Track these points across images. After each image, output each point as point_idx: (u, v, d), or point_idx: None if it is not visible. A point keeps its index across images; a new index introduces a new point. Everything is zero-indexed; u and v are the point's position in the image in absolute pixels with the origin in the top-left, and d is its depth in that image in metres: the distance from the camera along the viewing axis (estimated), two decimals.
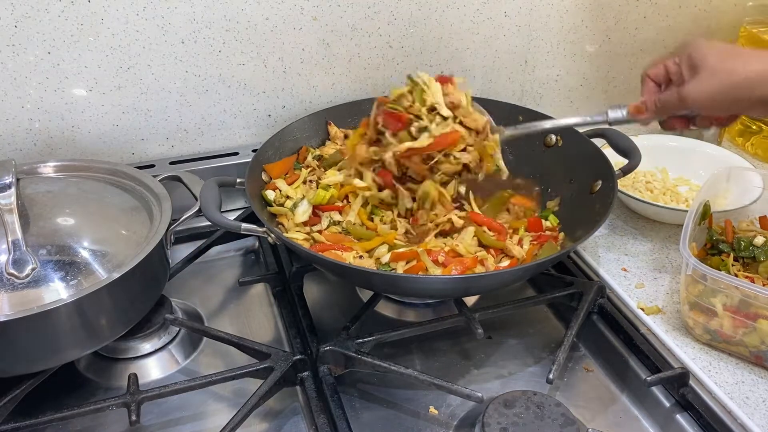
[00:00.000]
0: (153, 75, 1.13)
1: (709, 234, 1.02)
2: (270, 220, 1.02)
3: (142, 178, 1.01)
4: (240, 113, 1.22)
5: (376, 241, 0.98)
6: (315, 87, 1.24)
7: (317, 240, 1.00)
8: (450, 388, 0.86)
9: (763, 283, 0.95)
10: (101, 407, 0.84)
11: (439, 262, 0.95)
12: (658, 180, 1.24)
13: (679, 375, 0.88)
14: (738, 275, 0.96)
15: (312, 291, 1.07)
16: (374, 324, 0.98)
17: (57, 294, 0.83)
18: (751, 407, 0.85)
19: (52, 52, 1.06)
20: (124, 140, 1.17)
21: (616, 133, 1.11)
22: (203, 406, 0.90)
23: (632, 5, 1.36)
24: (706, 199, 1.02)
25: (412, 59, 1.27)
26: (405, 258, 0.95)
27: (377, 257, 0.96)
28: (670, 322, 0.97)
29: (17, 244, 0.83)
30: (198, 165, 1.18)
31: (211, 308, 1.06)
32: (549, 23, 1.32)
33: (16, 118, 1.09)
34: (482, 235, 1.00)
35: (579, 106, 1.44)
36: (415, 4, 1.22)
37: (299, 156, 1.14)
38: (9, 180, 0.88)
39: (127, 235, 0.92)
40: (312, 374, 0.90)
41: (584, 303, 0.97)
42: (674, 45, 1.42)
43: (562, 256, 0.95)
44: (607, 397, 0.93)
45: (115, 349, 0.95)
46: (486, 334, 0.95)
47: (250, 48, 1.16)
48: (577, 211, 1.05)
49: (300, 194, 1.05)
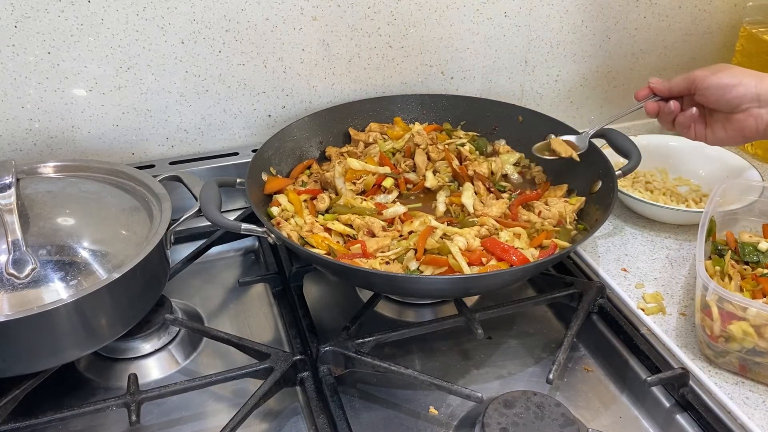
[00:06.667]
0: (153, 75, 1.13)
1: (713, 246, 1.02)
2: (270, 220, 1.02)
3: (142, 178, 1.01)
4: (240, 113, 1.22)
5: (403, 245, 0.97)
6: (315, 87, 1.24)
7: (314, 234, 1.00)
8: (450, 388, 0.86)
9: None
10: (101, 407, 0.84)
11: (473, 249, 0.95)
12: (658, 180, 1.25)
13: (679, 375, 0.88)
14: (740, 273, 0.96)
15: (312, 291, 1.08)
16: (374, 324, 0.98)
17: (57, 294, 0.83)
18: (751, 407, 0.85)
19: (52, 52, 1.06)
20: (123, 140, 1.17)
21: (616, 133, 1.11)
22: (203, 406, 0.90)
23: (632, 5, 1.36)
24: (711, 215, 1.01)
25: (412, 59, 1.27)
26: (434, 264, 0.94)
27: (405, 264, 0.95)
28: (670, 322, 0.97)
29: (17, 244, 0.83)
30: (198, 165, 1.18)
31: (211, 308, 1.06)
32: (549, 23, 1.32)
33: (16, 118, 1.09)
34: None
35: (579, 106, 1.44)
36: (415, 4, 1.22)
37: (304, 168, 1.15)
38: (9, 180, 0.88)
39: (127, 235, 0.92)
40: (312, 374, 0.90)
41: (584, 303, 0.97)
42: (674, 45, 1.43)
43: (562, 256, 0.95)
44: (607, 397, 0.93)
45: (115, 349, 0.95)
46: (486, 335, 0.95)
47: (250, 48, 1.16)
48: (578, 211, 1.05)
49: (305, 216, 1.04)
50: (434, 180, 1.11)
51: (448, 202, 1.08)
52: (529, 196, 1.09)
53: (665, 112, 1.05)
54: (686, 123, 1.04)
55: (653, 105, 1.06)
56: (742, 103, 0.97)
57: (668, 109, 1.04)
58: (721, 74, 0.99)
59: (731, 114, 0.99)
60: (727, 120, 1.01)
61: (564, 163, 1.13)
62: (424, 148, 1.17)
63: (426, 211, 1.05)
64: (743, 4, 1.42)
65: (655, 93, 1.06)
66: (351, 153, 1.17)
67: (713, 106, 1.01)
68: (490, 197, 1.08)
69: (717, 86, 0.98)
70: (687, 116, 1.04)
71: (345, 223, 1.02)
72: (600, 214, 1.01)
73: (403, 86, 1.30)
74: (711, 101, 1.00)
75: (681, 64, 1.46)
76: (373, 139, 1.21)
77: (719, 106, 1.00)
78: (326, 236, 0.99)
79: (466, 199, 1.06)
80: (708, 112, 1.03)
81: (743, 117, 0.98)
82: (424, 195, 1.11)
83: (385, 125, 1.24)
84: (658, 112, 1.06)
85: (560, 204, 1.05)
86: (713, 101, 1.00)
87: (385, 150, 1.17)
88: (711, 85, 0.99)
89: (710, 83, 0.99)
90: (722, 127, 1.02)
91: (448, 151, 1.16)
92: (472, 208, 1.05)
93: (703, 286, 0.87)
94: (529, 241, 0.99)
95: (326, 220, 1.03)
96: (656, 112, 1.06)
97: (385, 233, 0.99)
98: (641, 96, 1.07)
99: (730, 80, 0.97)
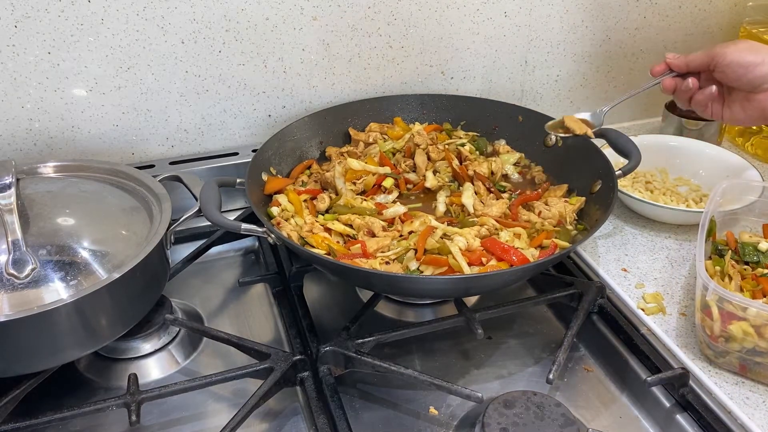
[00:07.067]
0: (153, 75, 1.13)
1: (713, 246, 1.02)
2: (270, 220, 1.02)
3: (142, 178, 1.01)
4: (240, 113, 1.22)
5: (403, 245, 0.97)
6: (315, 87, 1.24)
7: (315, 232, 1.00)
8: (450, 388, 0.86)
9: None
10: (101, 407, 0.84)
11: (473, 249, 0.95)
12: (658, 180, 1.25)
13: (679, 375, 0.88)
14: (740, 273, 0.96)
15: (312, 291, 1.08)
16: (374, 324, 0.98)
17: (57, 294, 0.83)
18: (751, 407, 0.85)
19: (52, 52, 1.06)
20: (124, 140, 1.17)
21: (616, 133, 1.11)
22: (203, 406, 0.90)
23: (632, 5, 1.36)
24: (712, 215, 1.00)
25: (412, 59, 1.27)
26: (434, 264, 0.93)
27: (405, 264, 0.95)
28: (670, 322, 0.97)
29: (17, 244, 0.83)
30: (198, 165, 1.18)
31: (211, 308, 1.06)
32: (549, 23, 1.32)
33: (16, 118, 1.09)
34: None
35: (579, 106, 1.44)
36: (415, 4, 1.22)
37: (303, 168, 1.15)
38: (9, 180, 0.88)
39: (127, 235, 0.92)
40: (312, 374, 0.90)
41: (584, 303, 0.97)
42: (674, 45, 1.43)
43: (562, 256, 0.95)
44: (607, 397, 0.93)
45: (115, 349, 0.95)
46: (486, 335, 0.95)
47: (250, 48, 1.16)
48: (578, 212, 1.05)
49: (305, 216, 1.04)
50: (434, 180, 1.11)
51: (448, 202, 1.08)
52: (529, 196, 1.09)
53: (682, 90, 1.00)
54: (704, 102, 0.99)
55: (670, 81, 1.01)
56: (764, 83, 0.93)
57: (685, 87, 1.00)
58: (743, 51, 0.93)
59: (752, 93, 0.95)
60: (746, 99, 0.96)
61: (564, 163, 1.13)
62: (424, 148, 1.17)
63: (426, 211, 1.05)
64: (743, 4, 1.42)
65: (672, 69, 1.01)
66: (351, 153, 1.17)
67: (733, 84, 0.96)
68: (490, 197, 1.08)
69: (738, 64, 0.93)
70: (705, 95, 0.99)
71: (345, 223, 1.02)
72: (600, 214, 1.00)
73: (403, 86, 1.30)
74: (731, 79, 0.95)
75: None
76: (373, 139, 1.21)
77: (740, 85, 0.95)
78: (326, 236, 0.99)
79: (466, 199, 1.06)
80: (726, 90, 0.99)
81: (764, 97, 0.94)
82: (424, 195, 1.12)
83: (385, 125, 1.24)
84: (674, 89, 1.02)
85: (560, 204, 1.05)
86: (733, 80, 0.95)
87: (385, 150, 1.17)
88: (732, 62, 0.93)
89: (731, 60, 0.93)
90: (741, 107, 0.97)
91: (448, 151, 1.16)
92: (472, 208, 1.05)
93: (703, 286, 0.87)
94: (529, 241, 0.99)
95: (326, 220, 1.03)
96: (673, 89, 1.02)
97: (385, 233, 0.99)
98: (657, 72, 1.02)
99: (752, 58, 0.92)
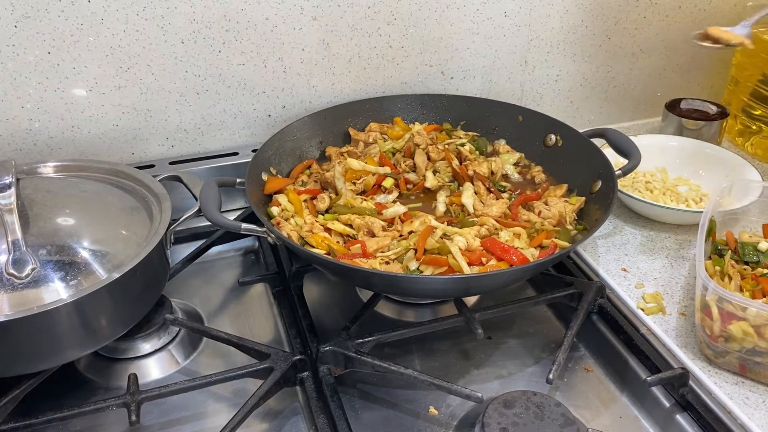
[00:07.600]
0: (153, 75, 1.13)
1: (713, 246, 1.02)
2: (270, 220, 1.02)
3: (142, 178, 1.01)
4: (240, 113, 1.22)
5: (402, 245, 0.97)
6: (315, 87, 1.24)
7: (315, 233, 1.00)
8: (450, 388, 0.86)
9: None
10: (101, 407, 0.84)
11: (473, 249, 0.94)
12: (657, 180, 1.24)
13: (679, 375, 0.88)
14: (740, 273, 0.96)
15: (312, 291, 1.07)
16: (374, 324, 0.98)
17: (57, 294, 0.83)
18: (751, 407, 0.85)
19: (52, 52, 1.06)
20: (124, 140, 1.17)
21: (616, 133, 1.11)
22: (203, 406, 0.90)
23: (632, 5, 1.36)
24: (711, 215, 1.00)
25: (412, 59, 1.27)
26: (434, 264, 0.93)
27: (405, 264, 0.95)
28: (670, 322, 0.97)
29: (17, 244, 0.83)
30: (198, 165, 1.18)
31: (211, 308, 1.06)
32: (549, 23, 1.32)
33: (16, 118, 1.09)
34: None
35: (579, 106, 1.45)
36: (415, 4, 1.22)
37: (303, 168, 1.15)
38: (9, 180, 0.88)
39: (127, 235, 0.92)
40: (312, 374, 0.90)
41: (584, 303, 0.97)
42: (674, 45, 1.43)
43: (561, 256, 0.95)
44: (607, 397, 0.93)
45: (115, 349, 0.95)
46: (486, 335, 0.95)
47: (250, 48, 1.16)
48: (578, 211, 1.05)
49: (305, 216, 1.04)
50: (434, 180, 1.11)
51: (448, 202, 1.08)
52: (529, 196, 1.09)
53: None
54: None
55: None
56: None
57: None
58: None
59: None
60: None
61: (564, 163, 1.13)
62: (424, 148, 1.17)
63: (426, 211, 1.05)
64: (743, 4, 1.42)
65: None
66: (351, 153, 1.17)
67: None
68: (490, 197, 1.08)
69: None
70: None
71: (345, 223, 1.02)
72: (600, 214, 1.01)
73: (403, 86, 1.30)
74: None
75: (681, 64, 1.47)
76: (373, 139, 1.21)
77: None
78: (326, 236, 0.99)
79: (466, 199, 1.06)
80: None
81: None
82: (424, 195, 1.11)
83: (385, 125, 1.24)
84: None
85: (560, 204, 1.05)
86: None
87: (385, 150, 1.17)
88: None
89: None
90: None
91: (448, 151, 1.16)
92: (472, 208, 1.05)
93: (703, 286, 0.87)
94: (529, 241, 0.99)
95: (326, 220, 1.03)
96: None
97: (385, 233, 0.99)
98: None
99: None
